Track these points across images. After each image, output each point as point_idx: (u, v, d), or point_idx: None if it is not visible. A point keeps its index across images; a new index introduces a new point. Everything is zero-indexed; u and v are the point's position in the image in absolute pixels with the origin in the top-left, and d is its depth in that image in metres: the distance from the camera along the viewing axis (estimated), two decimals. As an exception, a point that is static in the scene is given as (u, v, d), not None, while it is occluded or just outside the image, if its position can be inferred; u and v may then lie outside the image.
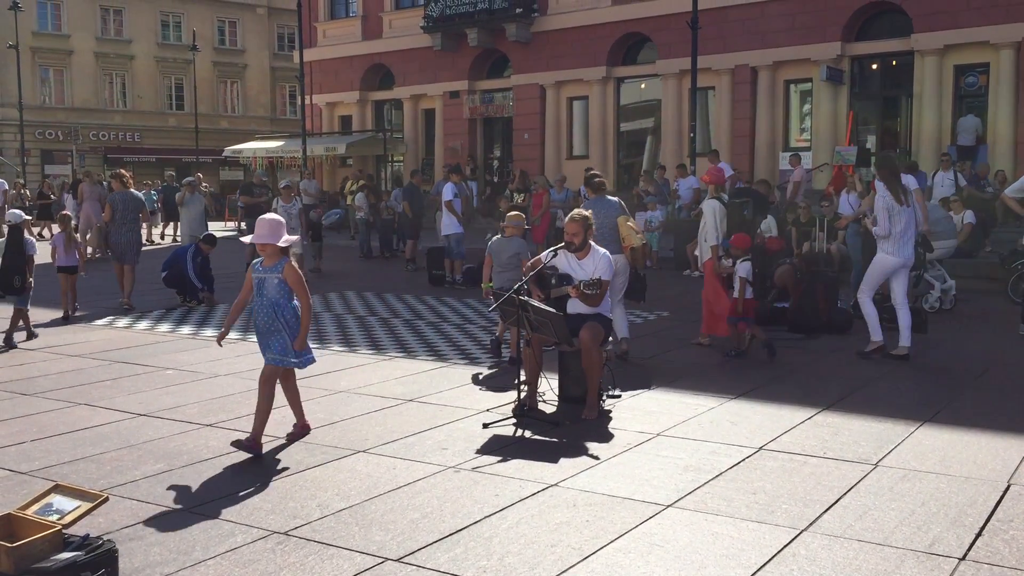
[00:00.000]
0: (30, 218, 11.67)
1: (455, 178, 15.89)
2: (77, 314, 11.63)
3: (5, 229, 22.93)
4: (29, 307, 10.17)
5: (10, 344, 9.76)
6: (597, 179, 9.16)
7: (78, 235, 13.29)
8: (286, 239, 5.90)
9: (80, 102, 45.60)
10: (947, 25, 20.47)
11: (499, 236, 9.28)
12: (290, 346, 5.92)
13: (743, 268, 8.91)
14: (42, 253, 11.20)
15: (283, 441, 6.13)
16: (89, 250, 17.03)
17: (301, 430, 6.28)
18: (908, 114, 22.22)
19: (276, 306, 5.88)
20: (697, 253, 12.18)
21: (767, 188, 15.61)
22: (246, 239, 6.23)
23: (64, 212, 13.39)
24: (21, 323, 10.11)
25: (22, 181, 30.98)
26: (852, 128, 21.70)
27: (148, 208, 18.12)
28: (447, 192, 15.23)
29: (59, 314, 11.48)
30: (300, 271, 5.97)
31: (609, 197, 8.85)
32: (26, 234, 10.28)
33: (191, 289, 12.81)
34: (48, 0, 44.64)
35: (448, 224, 15.10)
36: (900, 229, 8.66)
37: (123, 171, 13.89)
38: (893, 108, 23.16)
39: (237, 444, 5.78)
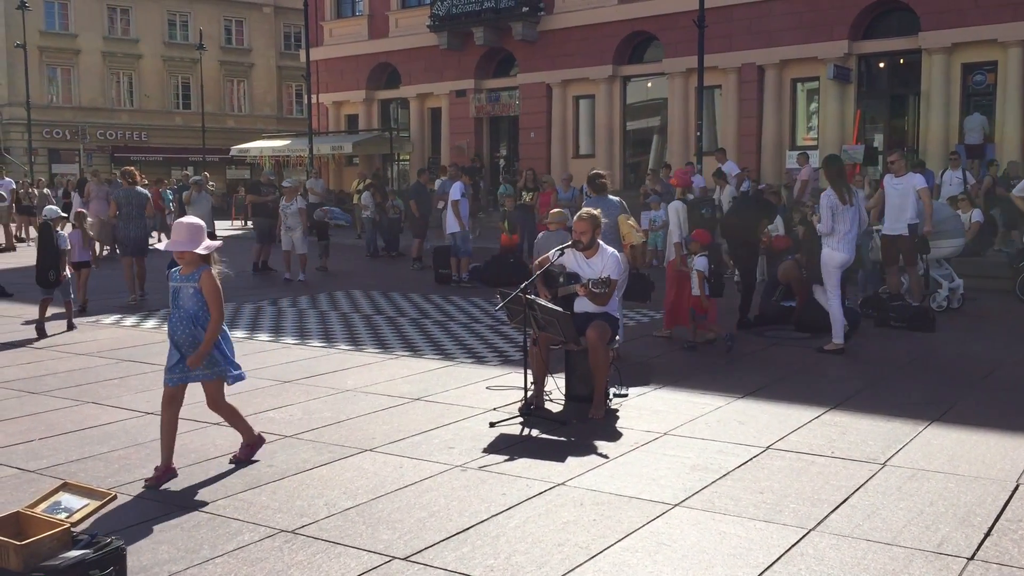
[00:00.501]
0: (65, 216, 12.24)
1: (466, 179, 15.88)
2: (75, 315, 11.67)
3: (13, 228, 22.98)
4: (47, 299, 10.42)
5: (42, 334, 10.16)
6: (600, 179, 9.37)
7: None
8: (206, 245, 5.38)
9: (87, 101, 45.74)
10: (955, 23, 20.41)
11: (542, 233, 9.51)
12: (216, 358, 5.40)
13: (700, 263, 9.30)
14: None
15: (281, 437, 6.13)
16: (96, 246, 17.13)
17: (248, 451, 5.68)
18: (916, 113, 22.16)
19: (195, 319, 5.33)
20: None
21: (776, 198, 15.64)
22: (160, 245, 5.68)
23: (79, 210, 13.95)
24: (49, 313, 10.47)
25: (29, 180, 31.02)
26: (859, 127, 21.65)
27: (165, 207, 18.16)
28: (455, 191, 15.22)
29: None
30: (218, 282, 5.38)
31: (610, 197, 9.02)
32: (58, 229, 10.56)
33: None
34: (55, 0, 44.78)
35: (452, 223, 15.11)
36: (845, 228, 8.98)
37: (131, 168, 14.12)
38: (900, 107, 23.10)
39: (149, 481, 5.22)
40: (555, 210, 9.68)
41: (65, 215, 11.93)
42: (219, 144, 43.62)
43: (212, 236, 12.39)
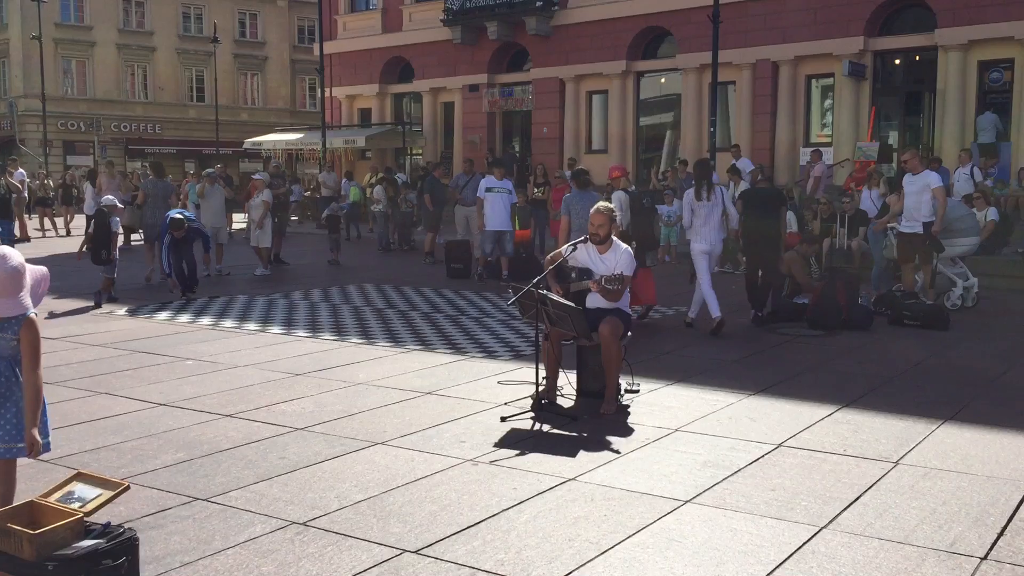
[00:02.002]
0: (121, 206, 13.63)
1: (498, 173, 14.83)
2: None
3: (15, 231, 23.02)
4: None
5: (98, 304, 11.73)
6: (584, 175, 10.14)
7: None
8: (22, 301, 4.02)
9: (102, 93, 45.89)
10: (972, 20, 20.25)
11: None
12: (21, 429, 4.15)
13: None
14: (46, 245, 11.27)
15: (293, 430, 6.14)
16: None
17: None
18: (931, 110, 22.01)
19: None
20: None
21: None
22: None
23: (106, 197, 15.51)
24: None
25: (45, 171, 31.16)
26: (874, 124, 21.54)
27: (192, 201, 18.30)
28: (483, 188, 14.70)
29: (85, 303, 11.75)
30: (39, 334, 4.10)
31: (591, 192, 9.60)
32: (113, 215, 12.17)
33: (181, 278, 12.54)
34: (71, -8, 44.98)
35: (499, 220, 14.44)
36: (700, 221, 10.15)
37: (159, 162, 15.71)
38: (916, 104, 22.94)
39: None
40: (599, 204, 9.77)
41: (120, 205, 13.40)
42: (232, 137, 43.69)
43: (177, 223, 12.19)
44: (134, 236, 19.41)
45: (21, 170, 24.42)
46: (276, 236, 16.68)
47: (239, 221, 21.95)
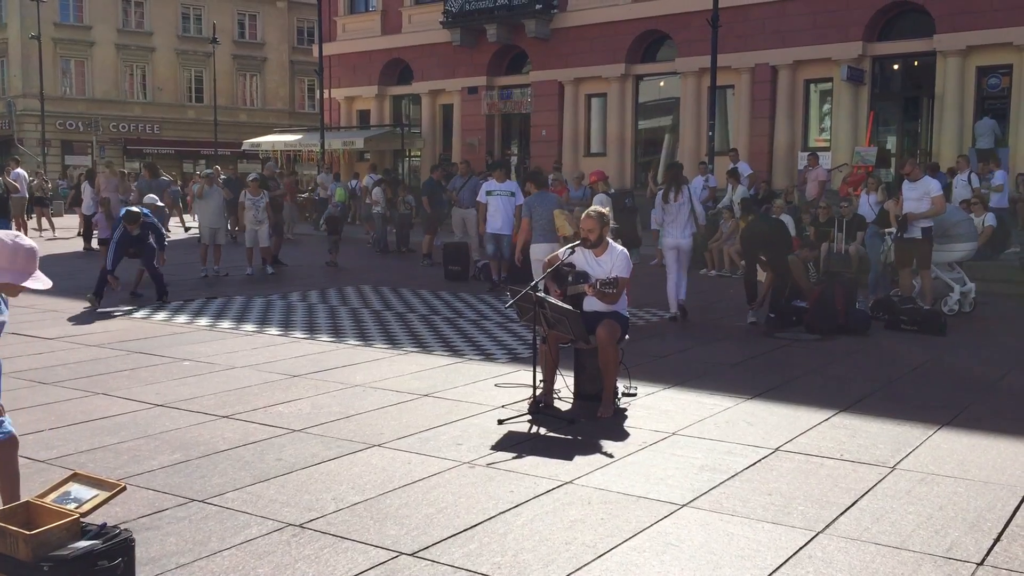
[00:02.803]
0: (161, 205, 14.79)
1: (499, 175, 14.27)
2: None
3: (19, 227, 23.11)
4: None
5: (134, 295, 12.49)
6: (540, 176, 10.83)
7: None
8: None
9: (100, 93, 45.90)
10: (970, 26, 20.29)
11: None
12: None
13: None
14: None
15: (290, 431, 6.14)
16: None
17: None
18: (929, 115, 22.04)
19: None
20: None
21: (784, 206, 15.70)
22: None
23: (104, 195, 16.92)
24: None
25: (43, 171, 31.13)
26: (872, 129, 21.56)
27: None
28: (483, 192, 14.33)
29: (81, 304, 11.70)
30: None
31: (549, 192, 10.40)
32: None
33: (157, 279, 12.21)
34: (70, -9, 44.99)
35: (502, 222, 14.04)
36: (670, 219, 11.07)
37: (153, 163, 16.57)
38: (914, 109, 22.98)
39: None
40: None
41: (161, 203, 14.27)
42: (231, 138, 43.72)
43: (132, 216, 12.23)
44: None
45: (19, 169, 24.35)
46: (275, 237, 16.68)
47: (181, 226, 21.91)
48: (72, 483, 4.18)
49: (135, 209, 12.48)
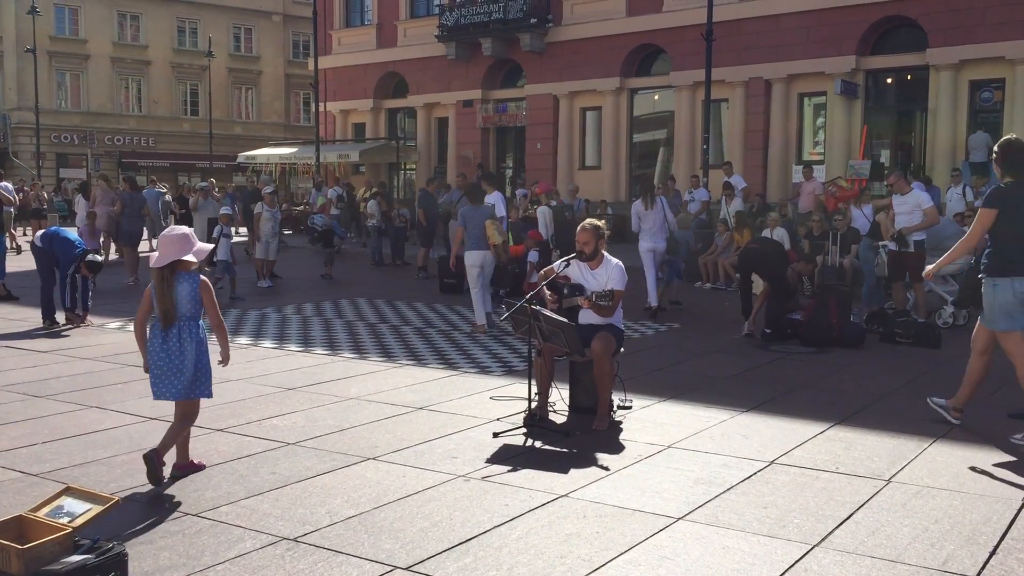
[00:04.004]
0: (230, 214, 15.30)
1: (487, 187, 14.11)
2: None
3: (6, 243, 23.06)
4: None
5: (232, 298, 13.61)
6: (477, 190, 11.86)
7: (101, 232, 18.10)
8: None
9: (96, 106, 45.93)
10: (963, 40, 20.42)
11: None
12: None
13: (533, 255, 12.64)
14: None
15: (284, 444, 6.11)
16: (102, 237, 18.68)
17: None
18: (923, 129, 22.16)
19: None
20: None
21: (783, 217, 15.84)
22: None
23: (91, 210, 17.79)
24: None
25: (41, 184, 31.04)
26: (866, 142, 21.65)
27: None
28: (501, 206, 13.94)
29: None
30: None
31: (483, 206, 11.38)
32: (222, 224, 14.22)
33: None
34: (66, 4, 44.98)
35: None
36: (647, 225, 12.62)
37: (132, 175, 17.54)
38: (907, 122, 23.10)
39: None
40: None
41: (231, 213, 15.13)
42: (226, 151, 43.75)
43: (94, 265, 12.01)
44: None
45: (6, 183, 24.45)
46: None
47: (241, 235, 21.87)
48: (65, 497, 4.17)
49: (99, 260, 11.72)
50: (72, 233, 11.94)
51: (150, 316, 5.52)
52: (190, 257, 5.36)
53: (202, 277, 5.51)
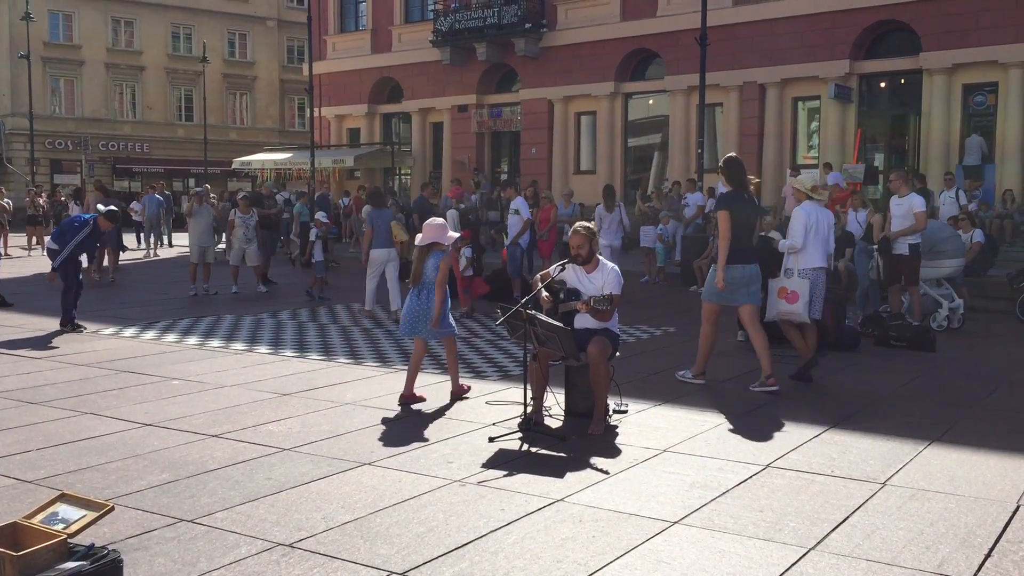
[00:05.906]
0: (327, 221, 15.88)
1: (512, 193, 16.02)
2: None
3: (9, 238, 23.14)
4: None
5: (312, 297, 14.88)
6: (378, 196, 13.09)
7: None
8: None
9: (90, 112, 45.83)
10: (956, 44, 20.50)
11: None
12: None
13: (467, 251, 12.95)
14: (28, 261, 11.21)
15: (280, 450, 6.11)
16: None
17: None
18: (916, 132, 22.22)
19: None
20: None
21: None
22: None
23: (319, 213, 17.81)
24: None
25: (39, 191, 30.89)
26: (860, 146, 21.70)
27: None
28: (525, 209, 14.52)
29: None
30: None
31: (385, 209, 12.81)
32: (312, 226, 15.36)
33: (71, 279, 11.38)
34: (60, 10, 44.91)
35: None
36: (605, 226, 14.97)
37: (100, 181, 17.86)
38: (901, 126, 23.16)
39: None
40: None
41: (327, 220, 15.80)
42: (221, 156, 43.69)
43: (112, 215, 12.05)
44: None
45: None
46: (269, 256, 16.70)
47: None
48: (60, 503, 4.16)
49: (115, 209, 12.20)
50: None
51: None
52: (442, 240, 7.50)
53: (444, 255, 7.47)
